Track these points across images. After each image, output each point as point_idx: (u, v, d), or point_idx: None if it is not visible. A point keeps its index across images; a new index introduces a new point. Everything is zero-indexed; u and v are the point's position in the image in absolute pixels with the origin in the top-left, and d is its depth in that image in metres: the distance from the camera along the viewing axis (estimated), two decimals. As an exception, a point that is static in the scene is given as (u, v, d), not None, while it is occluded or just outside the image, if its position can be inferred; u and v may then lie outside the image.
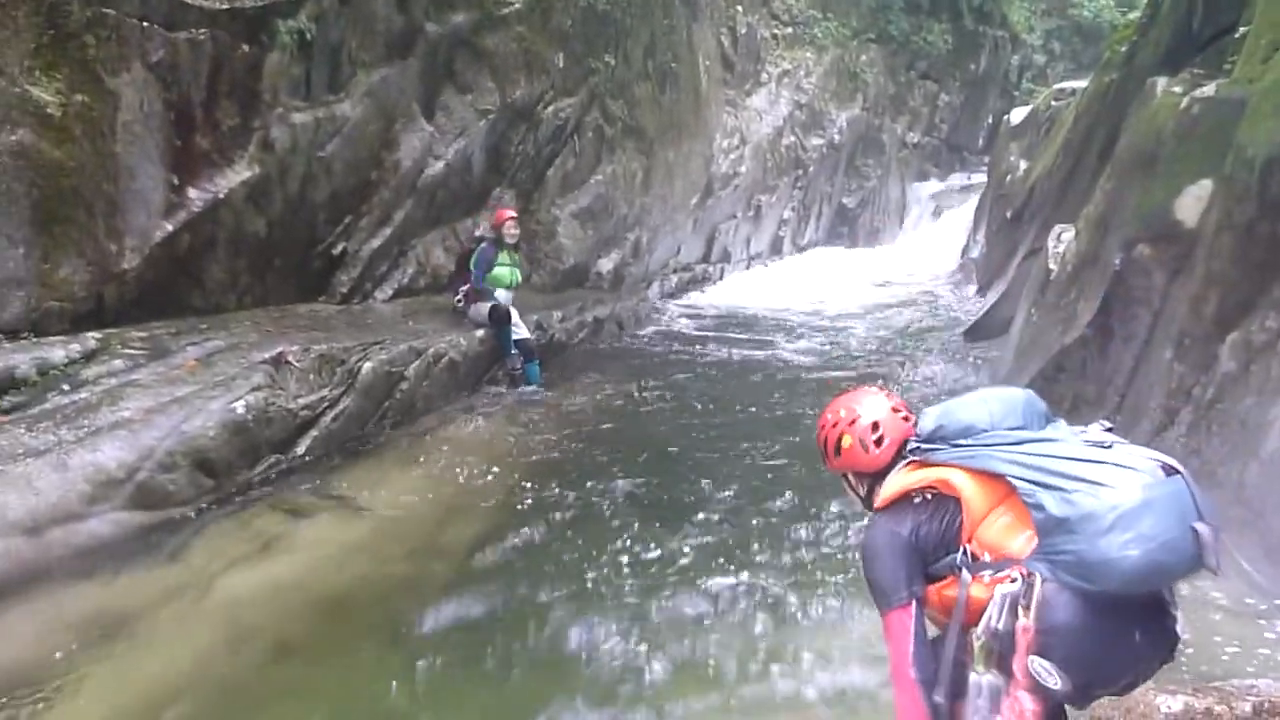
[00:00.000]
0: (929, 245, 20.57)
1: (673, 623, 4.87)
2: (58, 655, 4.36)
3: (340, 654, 4.66)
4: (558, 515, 6.29)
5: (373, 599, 5.19)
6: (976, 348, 11.43)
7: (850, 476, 3.08)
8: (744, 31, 18.01)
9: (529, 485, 6.79)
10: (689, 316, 14.76)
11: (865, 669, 4.32)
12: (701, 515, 6.27)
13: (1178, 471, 2.37)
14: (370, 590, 5.29)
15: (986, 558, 2.57)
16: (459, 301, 9.44)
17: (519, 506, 6.45)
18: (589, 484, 6.84)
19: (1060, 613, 2.35)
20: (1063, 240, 8.67)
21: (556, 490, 6.70)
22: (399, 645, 4.71)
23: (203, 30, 6.80)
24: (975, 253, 17.41)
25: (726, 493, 6.70)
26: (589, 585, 5.28)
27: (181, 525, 5.58)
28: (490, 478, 6.94)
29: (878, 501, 2.88)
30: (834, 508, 6.16)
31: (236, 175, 7.37)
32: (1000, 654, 2.46)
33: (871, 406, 3.01)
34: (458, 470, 7.04)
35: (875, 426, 2.94)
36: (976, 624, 2.53)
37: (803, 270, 19.17)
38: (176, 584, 5.09)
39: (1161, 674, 3.46)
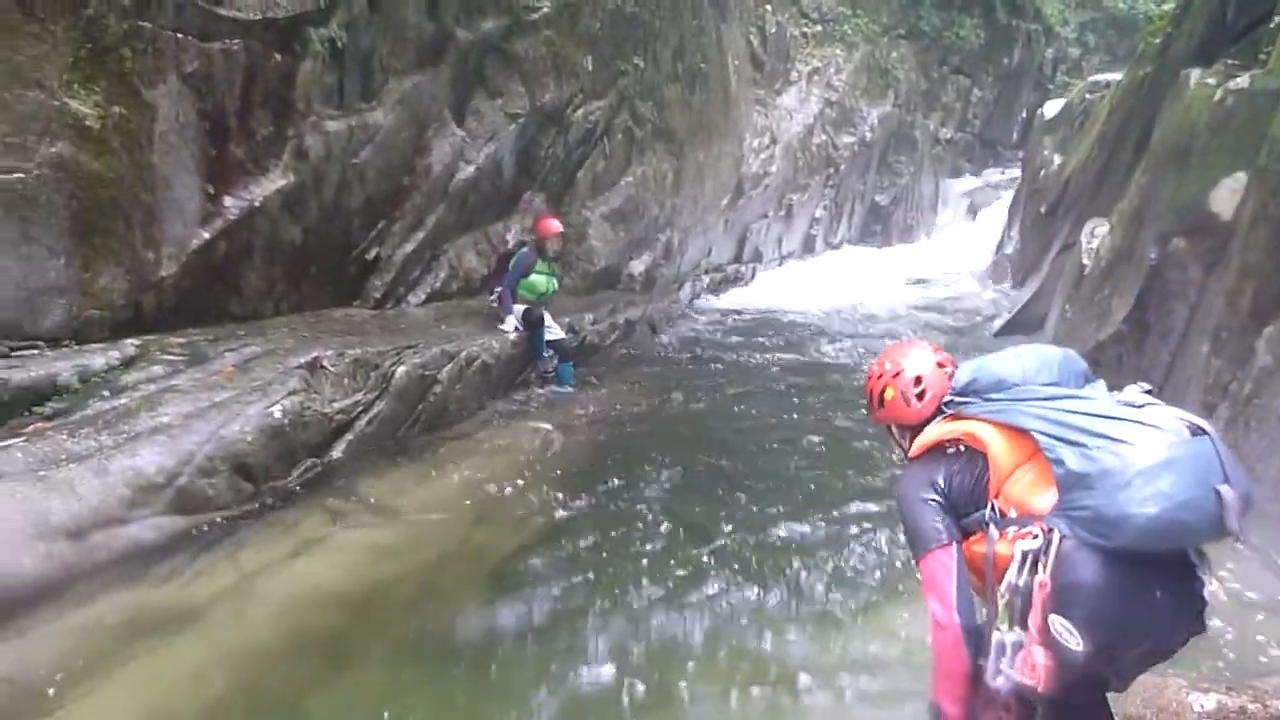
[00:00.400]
0: (963, 242, 20.42)
1: (687, 643, 4.84)
2: (100, 655, 4.43)
3: (372, 657, 4.70)
4: (587, 522, 6.29)
5: (406, 604, 5.23)
6: (1011, 344, 11.34)
7: (894, 428, 3.14)
8: (773, 30, 17.97)
9: (560, 491, 6.79)
10: (721, 317, 14.73)
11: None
12: (729, 528, 6.18)
13: (1205, 433, 2.34)
14: (404, 595, 5.34)
15: (1012, 514, 2.56)
16: (493, 301, 9.51)
17: (549, 513, 6.45)
18: (620, 490, 6.85)
19: (1078, 570, 2.33)
20: (1097, 235, 8.61)
21: (587, 496, 6.71)
22: (431, 653, 4.74)
23: (236, 41, 6.89)
24: (1010, 249, 17.27)
25: (756, 504, 6.62)
26: (614, 597, 5.26)
27: (221, 529, 5.65)
28: (522, 482, 6.95)
29: (911, 451, 2.92)
30: (865, 523, 6.12)
31: (271, 183, 7.46)
32: (1022, 611, 2.44)
33: (917, 360, 3.04)
34: (490, 474, 7.06)
35: (918, 380, 2.98)
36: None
37: (836, 269, 19.05)
38: (216, 587, 5.16)
39: (1195, 668, 3.45)
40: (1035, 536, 2.44)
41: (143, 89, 6.26)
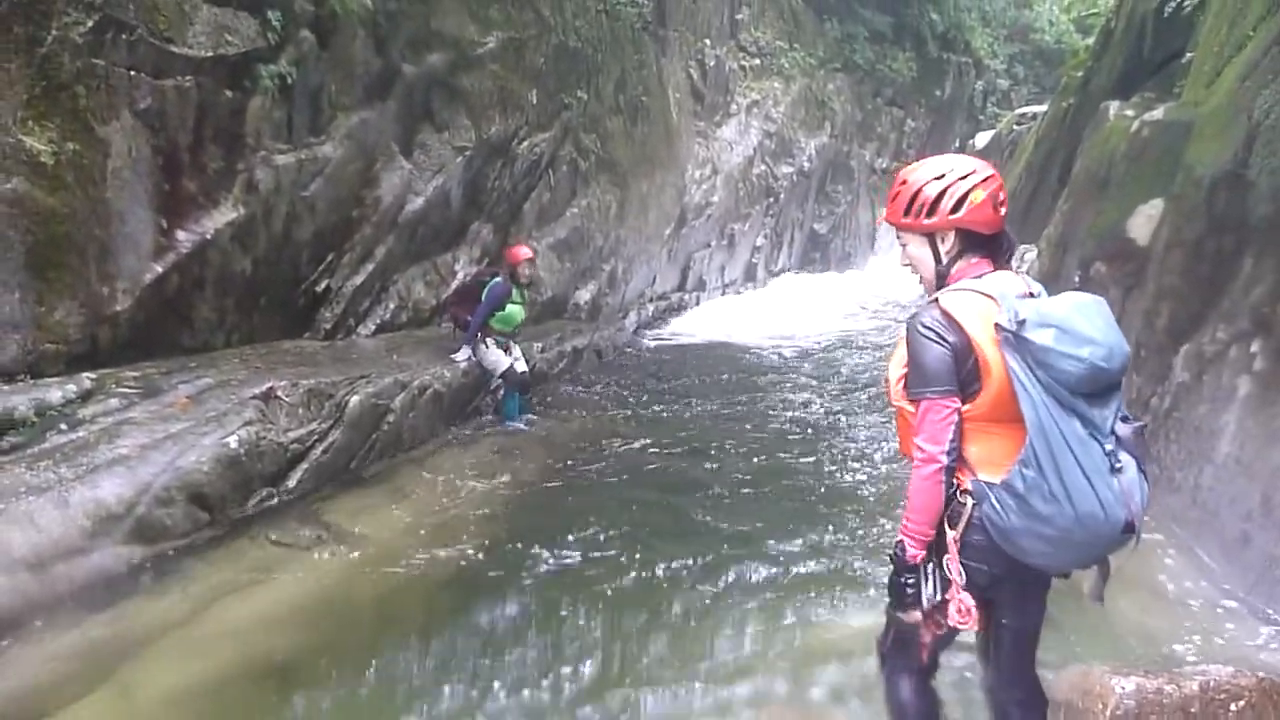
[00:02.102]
0: (900, 269, 20.80)
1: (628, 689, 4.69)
2: (63, 686, 4.45)
3: (329, 686, 4.71)
4: (539, 549, 6.30)
5: (362, 632, 5.27)
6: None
7: (945, 236, 2.90)
8: (712, 64, 18.37)
9: (512, 519, 6.88)
10: (666, 346, 14.94)
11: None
12: (682, 573, 6.01)
13: (1134, 531, 2.58)
14: (361, 623, 5.38)
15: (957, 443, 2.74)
16: (453, 328, 9.55)
17: (502, 542, 6.47)
18: (571, 516, 6.88)
19: (977, 536, 2.70)
20: (1026, 261, 8.97)
21: (539, 523, 6.78)
22: (387, 681, 4.75)
23: (188, 77, 6.99)
24: (945, 275, 17.65)
25: (709, 548, 6.36)
26: (563, 632, 5.25)
27: (179, 558, 5.69)
28: (476, 510, 7.05)
29: (947, 291, 2.82)
30: (808, 568, 5.97)
31: (222, 216, 7.54)
32: (937, 547, 2.77)
33: (996, 172, 2.92)
34: (445, 501, 7.17)
35: (1001, 188, 2.84)
36: None
37: (776, 297, 19.40)
38: (176, 615, 5.20)
39: (1123, 657, 3.69)
40: (952, 487, 2.71)
41: (96, 125, 6.33)
